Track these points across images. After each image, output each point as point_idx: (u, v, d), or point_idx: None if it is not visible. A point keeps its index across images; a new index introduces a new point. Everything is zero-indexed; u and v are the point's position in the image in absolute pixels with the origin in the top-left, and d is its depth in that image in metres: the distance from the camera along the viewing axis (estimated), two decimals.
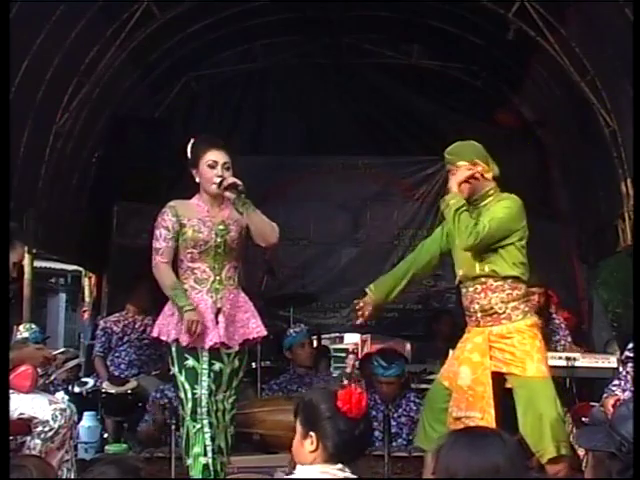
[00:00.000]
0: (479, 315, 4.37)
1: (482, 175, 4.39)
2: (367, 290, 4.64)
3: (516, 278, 4.33)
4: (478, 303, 4.36)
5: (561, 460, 4.16)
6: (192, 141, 4.50)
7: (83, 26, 6.15)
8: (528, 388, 4.24)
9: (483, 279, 4.34)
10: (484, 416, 4.17)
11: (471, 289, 4.39)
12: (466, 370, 4.34)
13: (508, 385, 4.35)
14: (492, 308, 4.32)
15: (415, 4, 7.48)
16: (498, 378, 4.31)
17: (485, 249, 4.30)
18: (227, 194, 4.32)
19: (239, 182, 4.29)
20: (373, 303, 4.60)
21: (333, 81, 8.66)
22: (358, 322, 4.69)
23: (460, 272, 4.46)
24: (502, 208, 4.31)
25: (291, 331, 6.38)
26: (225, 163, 4.37)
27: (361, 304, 4.62)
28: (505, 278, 4.31)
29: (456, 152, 4.46)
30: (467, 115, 8.53)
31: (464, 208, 4.28)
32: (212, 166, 4.36)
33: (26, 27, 5.40)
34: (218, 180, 4.30)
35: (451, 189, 4.36)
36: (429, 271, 4.91)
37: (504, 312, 4.31)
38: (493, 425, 3.96)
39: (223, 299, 4.36)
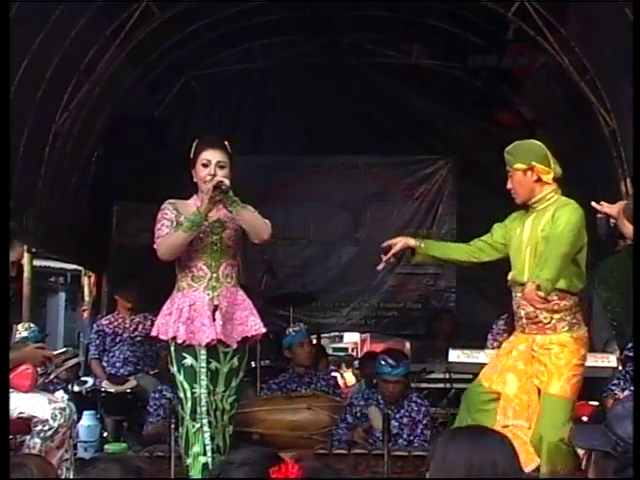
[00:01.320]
0: (524, 322, 4.26)
1: (539, 178, 4.21)
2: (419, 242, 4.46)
3: (564, 290, 4.18)
4: (524, 309, 4.24)
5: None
6: (195, 141, 4.50)
7: (82, 26, 6.15)
8: (544, 404, 4.17)
9: None
10: (531, 425, 4.11)
11: (519, 294, 4.23)
12: (512, 377, 4.25)
13: None
14: (537, 317, 4.21)
15: (415, 4, 7.48)
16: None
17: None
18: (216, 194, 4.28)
19: (226, 181, 4.26)
20: (414, 248, 4.40)
21: (333, 81, 8.66)
22: (383, 263, 4.40)
23: (509, 275, 4.35)
24: (567, 238, 4.08)
25: (290, 330, 6.37)
26: (219, 162, 4.34)
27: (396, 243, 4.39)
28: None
29: (513, 153, 4.28)
30: (467, 115, 8.54)
31: None
32: (206, 165, 4.35)
33: (26, 27, 5.40)
34: (209, 179, 4.29)
35: None
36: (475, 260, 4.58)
37: (549, 322, 4.20)
38: None
39: (220, 297, 4.35)
